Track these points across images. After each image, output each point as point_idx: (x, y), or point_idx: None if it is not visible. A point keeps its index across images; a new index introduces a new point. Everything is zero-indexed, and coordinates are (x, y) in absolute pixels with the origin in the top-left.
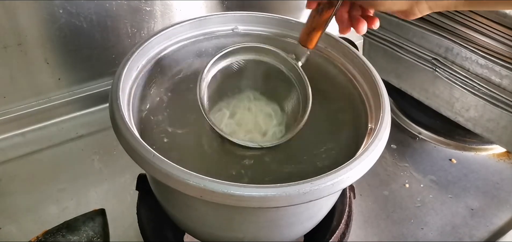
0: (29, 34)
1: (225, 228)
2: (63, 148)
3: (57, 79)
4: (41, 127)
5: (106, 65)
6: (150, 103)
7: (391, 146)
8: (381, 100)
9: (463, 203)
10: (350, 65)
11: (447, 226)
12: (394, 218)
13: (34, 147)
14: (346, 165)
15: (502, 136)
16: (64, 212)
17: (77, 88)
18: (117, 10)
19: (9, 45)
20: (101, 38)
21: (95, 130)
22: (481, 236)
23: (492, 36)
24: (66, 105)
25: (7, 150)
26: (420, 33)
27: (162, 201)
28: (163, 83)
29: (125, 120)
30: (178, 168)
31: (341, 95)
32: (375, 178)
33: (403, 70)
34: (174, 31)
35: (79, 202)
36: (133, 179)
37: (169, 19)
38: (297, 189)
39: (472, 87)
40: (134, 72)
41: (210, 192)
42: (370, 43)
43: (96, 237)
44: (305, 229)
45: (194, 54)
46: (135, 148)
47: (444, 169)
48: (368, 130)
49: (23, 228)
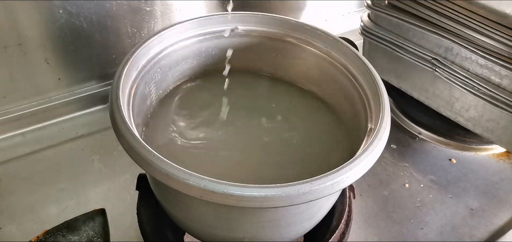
0: (29, 34)
1: (225, 228)
2: (63, 148)
3: (57, 79)
4: (41, 127)
5: (106, 65)
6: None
7: (391, 146)
8: (381, 100)
9: (463, 203)
10: (350, 65)
11: (447, 226)
12: (394, 218)
13: (34, 147)
14: (346, 165)
15: (502, 136)
16: (64, 212)
17: (77, 88)
18: (117, 10)
19: (9, 45)
20: (101, 38)
21: (95, 130)
22: (481, 236)
23: (492, 36)
24: (66, 105)
25: (7, 150)
26: (420, 33)
27: (162, 201)
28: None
29: (125, 120)
30: (178, 168)
31: (341, 95)
32: (375, 178)
33: (403, 70)
34: (174, 31)
35: (79, 202)
36: (133, 179)
37: (169, 19)
38: (297, 189)
39: (472, 87)
40: (134, 72)
41: (210, 192)
42: (370, 43)
43: (96, 237)
44: (305, 229)
45: (194, 54)
46: (135, 148)
47: (444, 169)
48: (368, 130)
49: (23, 228)
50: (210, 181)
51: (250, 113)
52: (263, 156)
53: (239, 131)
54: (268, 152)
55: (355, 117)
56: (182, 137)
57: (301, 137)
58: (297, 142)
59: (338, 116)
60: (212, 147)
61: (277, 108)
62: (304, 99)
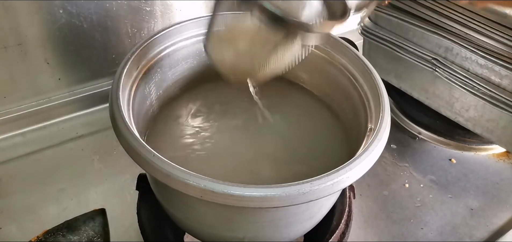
0: (29, 34)
1: (225, 228)
2: (63, 148)
3: (57, 79)
4: (41, 127)
5: (106, 65)
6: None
7: (391, 146)
8: (381, 100)
9: (463, 203)
10: (350, 65)
11: (447, 226)
12: (394, 218)
13: (34, 147)
14: (346, 165)
15: (501, 136)
16: (64, 212)
17: (77, 88)
18: (117, 10)
19: (9, 45)
20: (101, 38)
21: (95, 130)
22: (481, 236)
23: (492, 36)
24: (66, 105)
25: (7, 150)
26: (420, 33)
27: (162, 201)
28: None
29: (125, 120)
30: (178, 168)
31: (341, 95)
32: (375, 178)
33: (403, 70)
34: (174, 31)
35: (79, 202)
36: (133, 179)
37: (169, 19)
38: (297, 189)
39: (472, 87)
40: (134, 72)
41: (210, 192)
42: (370, 43)
43: (97, 237)
44: (305, 229)
45: (194, 54)
46: (135, 148)
47: (444, 169)
48: (368, 130)
49: (23, 228)
50: (210, 181)
51: (249, 112)
52: (263, 156)
53: (237, 131)
54: (268, 152)
55: (355, 117)
56: (182, 137)
57: (301, 137)
58: (296, 142)
59: (338, 116)
60: (210, 147)
61: (277, 108)
62: (303, 99)
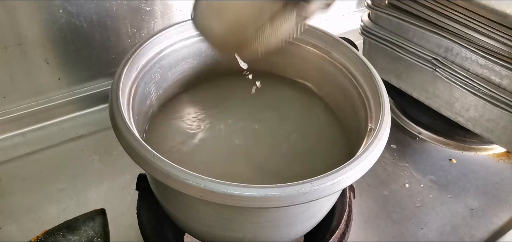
0: (29, 34)
1: (225, 228)
2: (63, 148)
3: (57, 79)
4: (41, 127)
5: (106, 65)
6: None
7: (391, 146)
8: (381, 100)
9: (463, 203)
10: (350, 65)
11: (447, 226)
12: (394, 218)
13: (34, 147)
14: (346, 165)
15: (502, 136)
16: (64, 212)
17: (77, 88)
18: (117, 10)
19: (9, 45)
20: (101, 38)
21: (95, 130)
22: (481, 236)
23: (492, 36)
24: (66, 105)
25: (7, 150)
26: (420, 33)
27: (162, 201)
28: (163, 83)
29: (125, 120)
30: (178, 168)
31: (341, 95)
32: (375, 178)
33: (403, 70)
34: (174, 31)
35: (79, 202)
36: (133, 179)
37: (169, 19)
38: (297, 189)
39: (472, 87)
40: (134, 72)
41: (210, 192)
42: (370, 43)
43: (96, 237)
44: (305, 229)
45: (194, 54)
46: (135, 148)
47: (444, 169)
48: (368, 130)
49: (23, 228)
50: (210, 181)
51: (249, 112)
52: (262, 156)
53: (237, 131)
54: (268, 152)
55: (355, 117)
56: (182, 137)
57: (301, 137)
58: (296, 142)
59: (338, 116)
60: (210, 147)
61: (277, 108)
62: (304, 99)
